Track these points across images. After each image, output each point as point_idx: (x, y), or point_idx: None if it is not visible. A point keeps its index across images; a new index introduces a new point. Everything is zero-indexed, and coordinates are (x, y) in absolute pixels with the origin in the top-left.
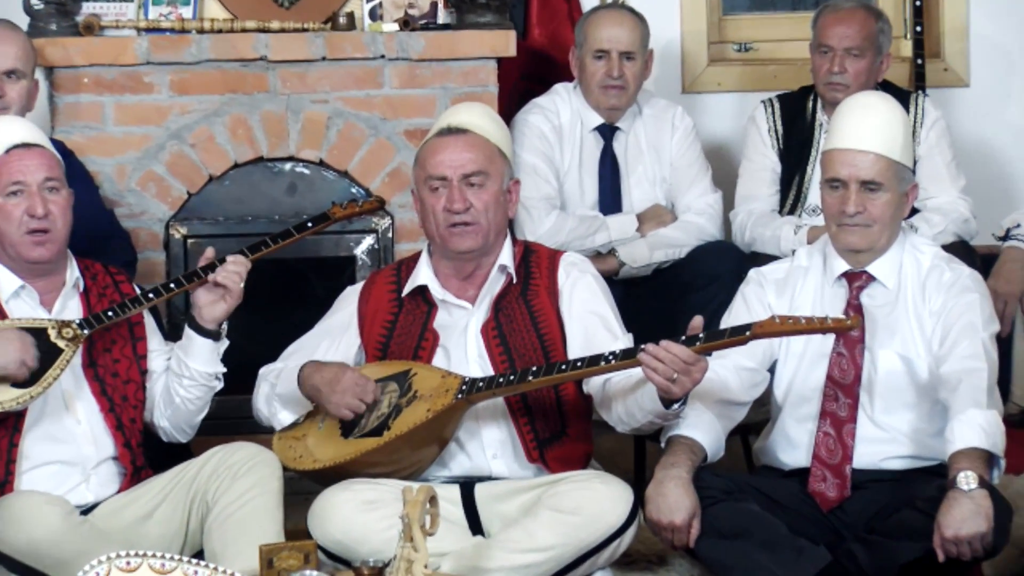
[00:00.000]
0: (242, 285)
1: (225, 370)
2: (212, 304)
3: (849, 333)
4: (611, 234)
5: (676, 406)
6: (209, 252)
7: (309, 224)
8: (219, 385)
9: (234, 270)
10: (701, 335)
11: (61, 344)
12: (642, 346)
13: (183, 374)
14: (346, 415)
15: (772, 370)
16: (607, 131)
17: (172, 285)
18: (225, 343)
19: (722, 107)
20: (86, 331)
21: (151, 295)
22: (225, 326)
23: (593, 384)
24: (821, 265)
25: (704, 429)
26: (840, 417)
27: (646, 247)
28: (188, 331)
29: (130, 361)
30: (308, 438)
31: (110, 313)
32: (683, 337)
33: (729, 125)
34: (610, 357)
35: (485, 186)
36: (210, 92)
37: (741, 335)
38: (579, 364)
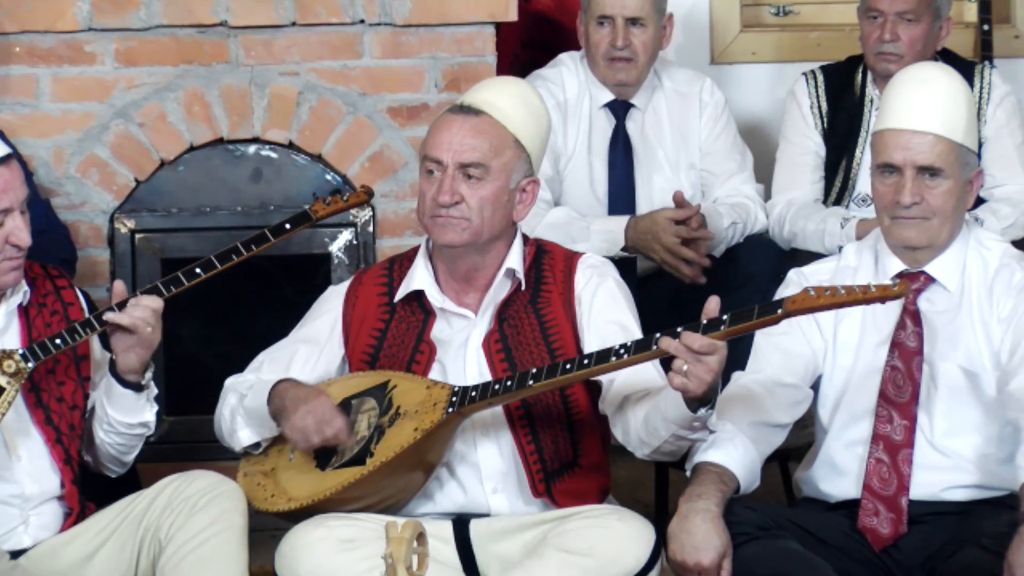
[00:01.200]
0: (150, 329)
1: (152, 419)
2: (124, 354)
3: (906, 343)
4: (592, 242)
5: (703, 410)
6: (118, 287)
7: (287, 226)
8: (148, 433)
9: (139, 314)
10: (724, 317)
11: (2, 381)
12: (657, 335)
13: (103, 419)
14: (296, 441)
15: (816, 387)
16: (619, 108)
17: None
18: (153, 391)
19: (756, 81)
20: (31, 364)
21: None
22: (150, 374)
23: (610, 400)
24: (872, 265)
25: (736, 455)
26: (895, 441)
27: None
28: (109, 378)
29: (75, 384)
30: (279, 473)
31: (58, 341)
32: (703, 322)
33: (764, 102)
34: (622, 351)
35: (484, 181)
36: (162, 63)
37: (771, 314)
38: (587, 362)
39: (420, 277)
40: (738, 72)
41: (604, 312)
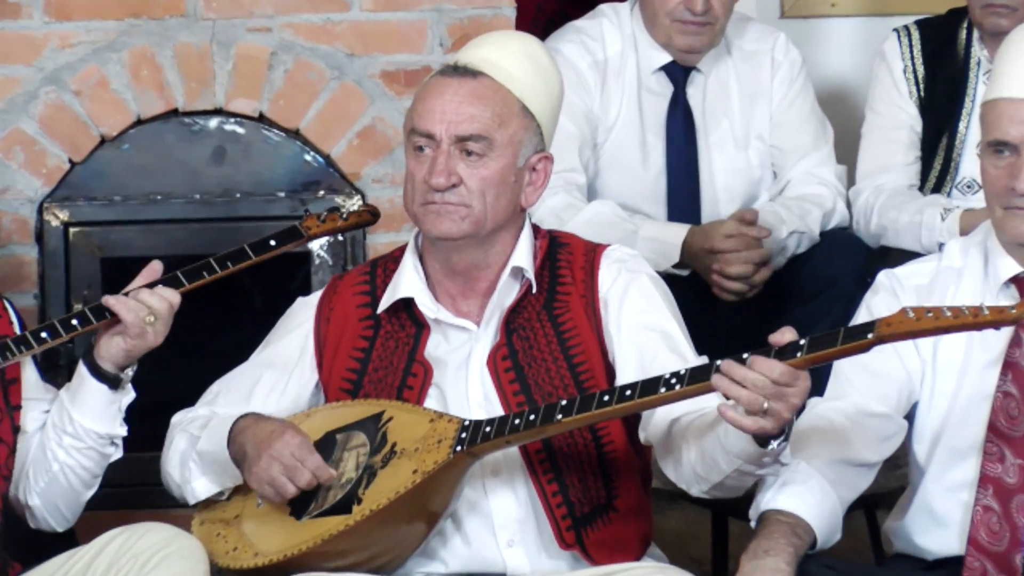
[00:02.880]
0: (147, 325)
1: (122, 435)
2: (110, 337)
3: (1021, 364)
4: (639, 251)
5: (775, 443)
6: (155, 265)
7: (272, 243)
8: (115, 453)
9: (141, 302)
10: (802, 342)
11: None
12: (717, 362)
13: (65, 429)
14: (266, 493)
15: (911, 417)
16: (678, 72)
17: (75, 322)
18: (129, 396)
19: (836, 39)
20: None
21: (45, 335)
22: (130, 372)
23: (654, 426)
24: (981, 266)
25: (812, 501)
26: (1007, 485)
27: (776, 245)
28: (81, 368)
29: (0, 414)
30: (244, 521)
31: None
32: (774, 349)
33: (846, 65)
34: (673, 380)
35: (487, 158)
36: (102, 16)
37: (860, 338)
38: (628, 393)
39: (408, 282)
40: (814, 28)
41: (638, 316)
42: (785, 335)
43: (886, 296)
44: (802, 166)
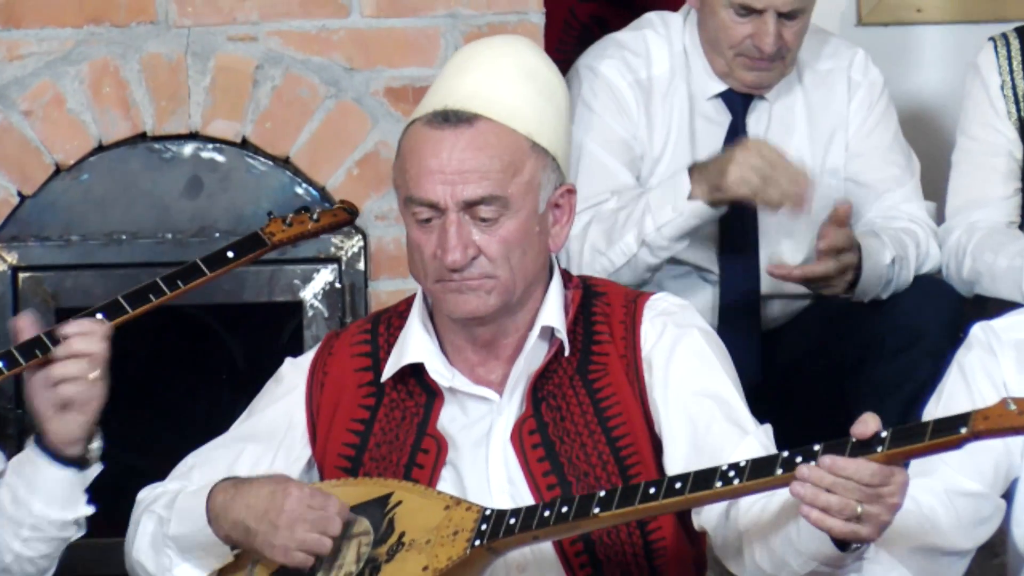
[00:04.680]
0: (94, 374)
1: (93, 510)
2: (61, 416)
3: None
4: (654, 218)
5: (858, 546)
6: (22, 322)
7: (230, 254)
8: (78, 533)
9: (78, 349)
10: (884, 434)
11: None
12: (784, 453)
13: (23, 522)
14: (301, 562)
15: (1010, 496)
16: (737, 100)
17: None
18: (97, 468)
19: (923, 48)
20: None
21: None
22: (97, 444)
23: (709, 510)
24: None
25: None
26: None
27: (884, 271)
28: (32, 450)
29: None
30: None
31: None
32: (851, 441)
33: (934, 79)
34: (732, 474)
35: (503, 218)
36: (56, 22)
37: (952, 434)
38: (678, 486)
39: (417, 345)
40: (896, 37)
41: (688, 380)
42: (869, 425)
43: (981, 353)
44: (884, 203)
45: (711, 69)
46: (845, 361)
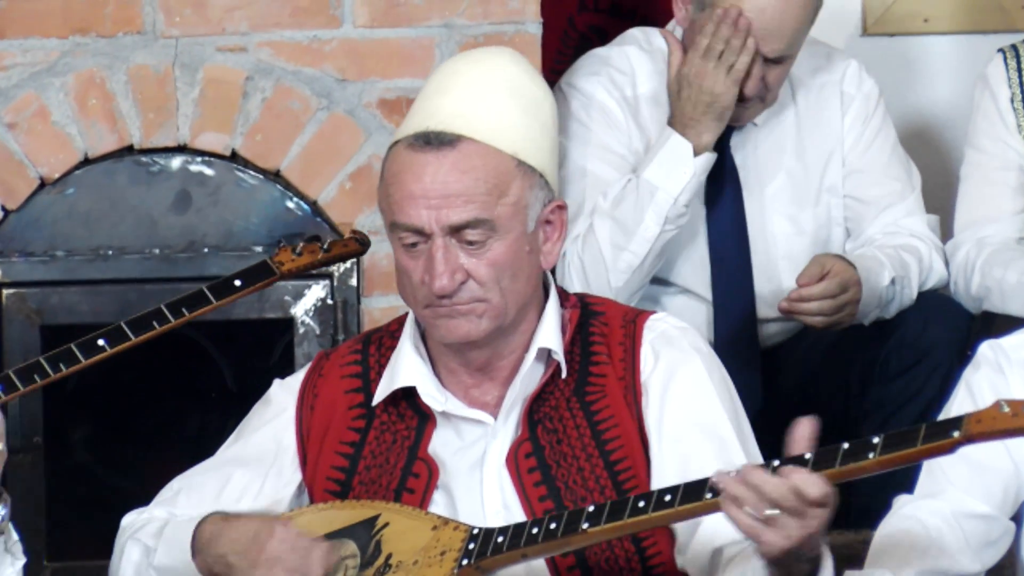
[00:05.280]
0: None
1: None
2: None
3: None
4: (667, 191)
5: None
6: None
7: (237, 283)
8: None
9: None
10: (876, 440)
11: None
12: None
13: None
14: None
15: (1019, 519)
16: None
17: None
18: (12, 537)
19: (930, 59)
20: None
21: None
22: (4, 511)
23: (693, 554)
24: None
25: None
26: None
27: (882, 292)
28: None
29: None
30: None
31: None
32: (842, 448)
33: (942, 91)
34: (721, 485)
35: (491, 240)
36: (41, 33)
37: (945, 438)
38: (668, 499)
39: (408, 368)
40: (902, 47)
41: (683, 412)
42: (801, 428)
43: (989, 372)
44: (885, 219)
45: None
46: (850, 382)
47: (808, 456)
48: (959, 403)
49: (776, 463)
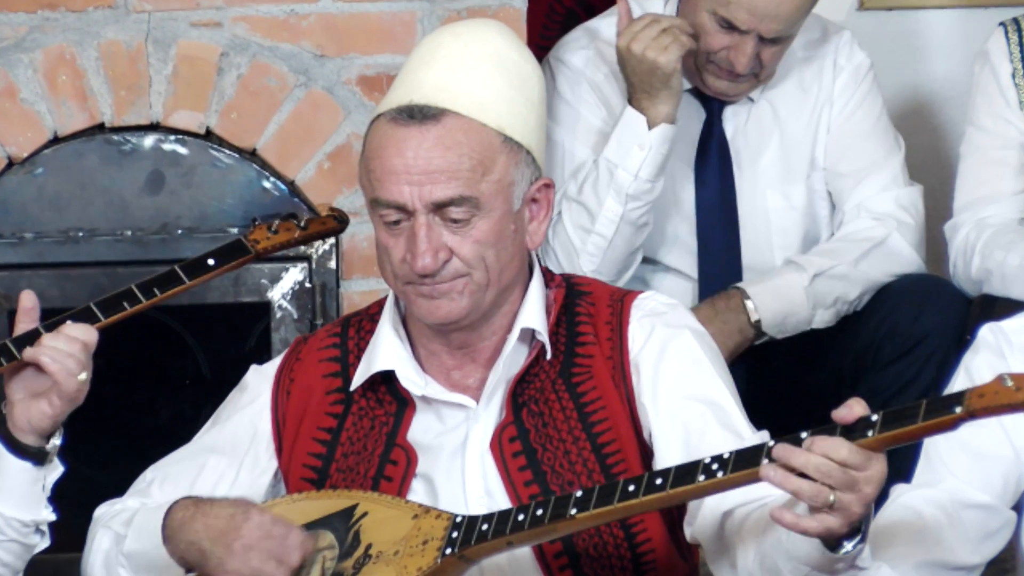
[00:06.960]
0: (82, 375)
1: (54, 517)
2: (29, 401)
3: None
4: (626, 168)
5: (849, 545)
6: (26, 300)
7: (211, 262)
8: (41, 543)
9: (63, 349)
10: (875, 418)
11: None
12: (769, 443)
13: None
14: None
15: (1020, 508)
16: (713, 100)
17: None
18: (57, 470)
19: (930, 34)
20: None
21: None
22: (57, 441)
23: (703, 520)
24: None
25: None
26: None
27: (803, 295)
28: None
29: None
30: None
31: None
32: (839, 427)
33: (942, 67)
34: (715, 466)
35: (476, 218)
36: (8, 7)
37: (947, 413)
38: (659, 482)
39: (387, 352)
40: (901, 21)
41: (680, 384)
42: (854, 409)
43: (990, 356)
44: (857, 196)
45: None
46: (843, 369)
47: (804, 435)
48: (958, 388)
49: (772, 444)
